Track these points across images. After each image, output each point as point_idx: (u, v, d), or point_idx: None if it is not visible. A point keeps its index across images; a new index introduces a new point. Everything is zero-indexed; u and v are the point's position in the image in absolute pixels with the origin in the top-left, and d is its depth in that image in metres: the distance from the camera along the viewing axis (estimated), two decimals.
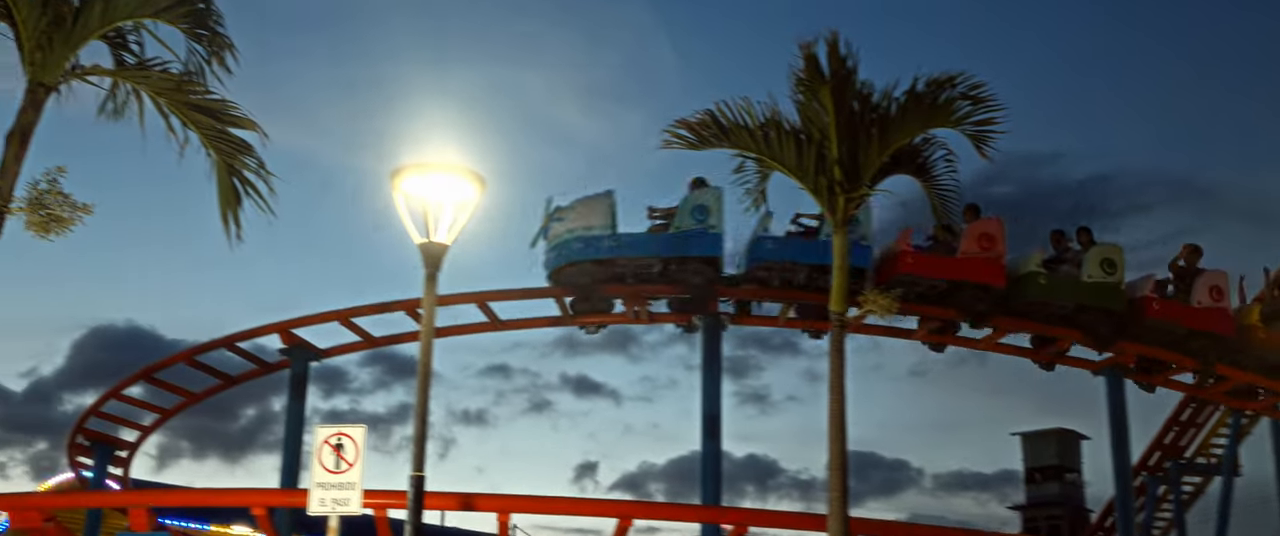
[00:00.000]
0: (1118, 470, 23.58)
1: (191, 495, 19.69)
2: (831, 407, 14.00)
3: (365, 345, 25.37)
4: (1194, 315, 23.56)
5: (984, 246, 22.53)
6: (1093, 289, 23.05)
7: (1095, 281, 23.04)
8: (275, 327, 24.37)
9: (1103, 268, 23.24)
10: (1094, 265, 23.21)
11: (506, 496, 15.87)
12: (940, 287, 22.62)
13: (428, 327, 11.00)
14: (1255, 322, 24.46)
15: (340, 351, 25.72)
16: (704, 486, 21.17)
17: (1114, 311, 23.19)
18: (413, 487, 10.54)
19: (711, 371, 22.47)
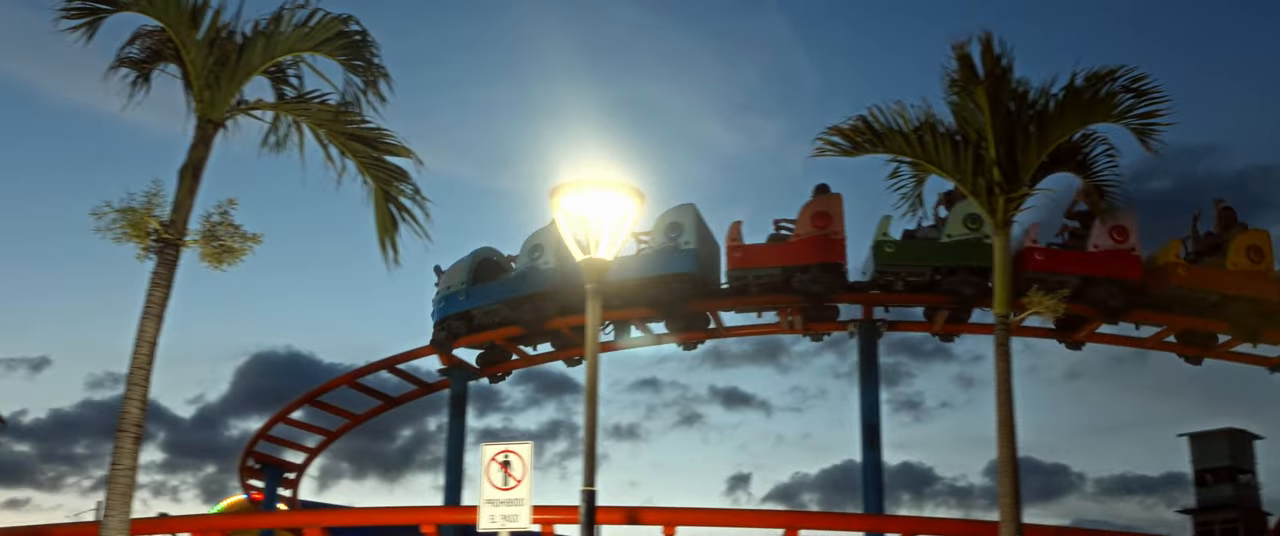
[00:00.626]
0: None
1: (363, 515, 20.12)
2: (999, 412, 13.72)
3: (522, 364, 25.66)
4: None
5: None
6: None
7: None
8: (434, 349, 24.80)
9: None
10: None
11: (672, 509, 15.90)
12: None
13: (592, 342, 11.06)
14: (1174, 260, 23.10)
15: (497, 369, 26.08)
16: (866, 495, 20.95)
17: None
18: (584, 502, 10.60)
19: (869, 378, 22.25)
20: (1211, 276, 22.02)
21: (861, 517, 19.56)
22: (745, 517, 17.47)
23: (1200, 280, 21.97)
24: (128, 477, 12.21)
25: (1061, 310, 14.21)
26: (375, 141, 13.75)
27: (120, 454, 12.20)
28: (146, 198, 12.67)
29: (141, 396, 12.39)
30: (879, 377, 22.34)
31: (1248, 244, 22.18)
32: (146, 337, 12.52)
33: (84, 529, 22.37)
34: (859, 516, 19.76)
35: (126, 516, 12.07)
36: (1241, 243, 22.20)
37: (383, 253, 13.97)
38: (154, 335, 12.58)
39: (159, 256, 12.76)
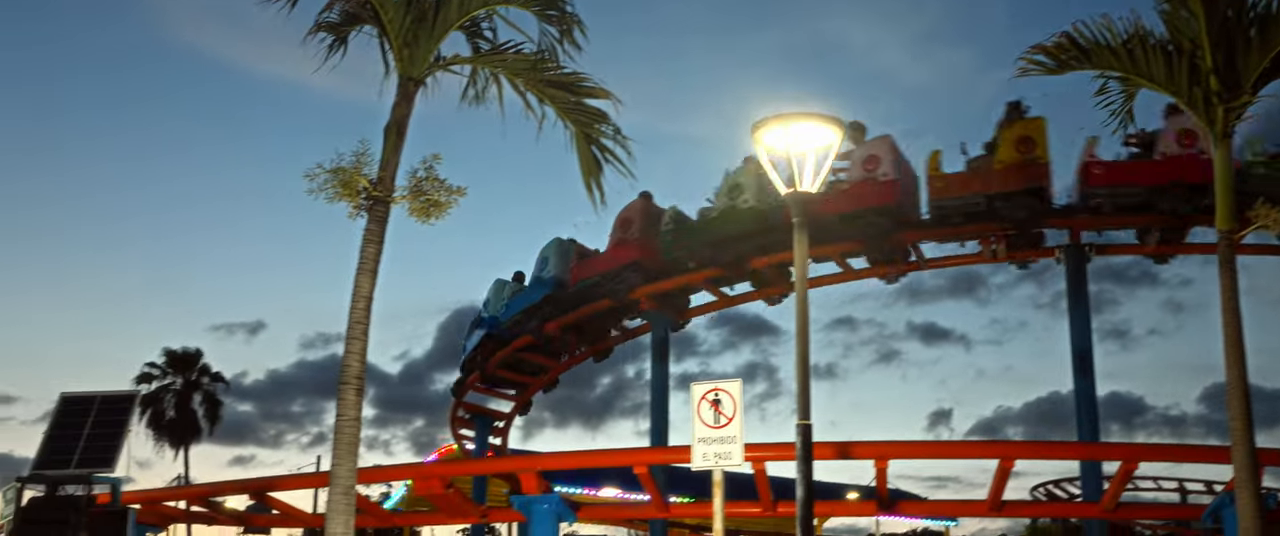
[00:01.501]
0: None
1: (575, 457, 20.46)
2: (1226, 331, 13.10)
3: (722, 305, 25.70)
4: None
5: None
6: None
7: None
8: (635, 294, 24.98)
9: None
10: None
11: (884, 443, 15.71)
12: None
13: (801, 276, 10.97)
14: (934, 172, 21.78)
15: (698, 313, 26.19)
16: (1079, 424, 20.39)
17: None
18: (800, 435, 10.53)
19: (1078, 304, 21.62)
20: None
21: (1077, 446, 19.05)
22: (956, 449, 17.15)
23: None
24: (352, 428, 12.60)
25: None
26: (573, 86, 13.80)
27: (344, 406, 12.58)
28: (355, 158, 12.97)
29: (361, 350, 12.76)
30: (1089, 303, 21.69)
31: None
32: (362, 293, 12.86)
33: (314, 478, 23.35)
34: (1074, 445, 19.25)
35: (354, 465, 12.46)
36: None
37: (589, 194, 14.05)
38: (369, 290, 12.92)
39: (370, 213, 13.07)
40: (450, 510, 18.90)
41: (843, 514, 23.59)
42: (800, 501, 10.37)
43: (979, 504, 16.45)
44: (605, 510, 20.64)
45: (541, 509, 16.64)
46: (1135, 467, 15.24)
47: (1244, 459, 12.86)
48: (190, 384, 60.65)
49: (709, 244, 23.24)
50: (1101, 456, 18.75)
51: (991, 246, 22.92)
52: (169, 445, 59.47)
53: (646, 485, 16.98)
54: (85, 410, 15.11)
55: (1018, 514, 21.58)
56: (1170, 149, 20.91)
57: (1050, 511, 21.82)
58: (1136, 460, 15.19)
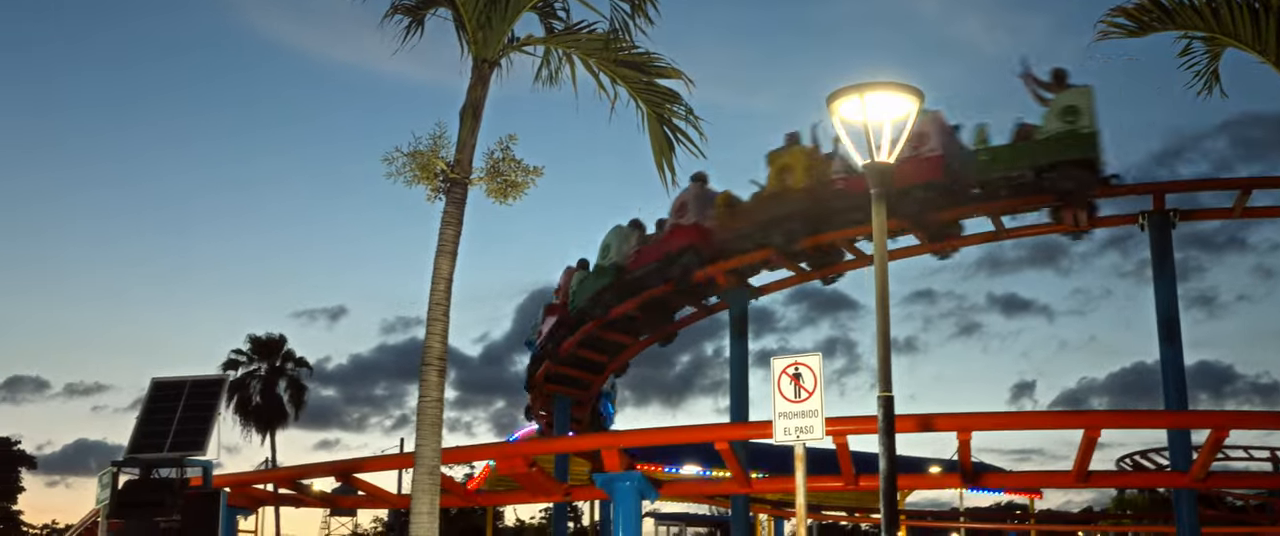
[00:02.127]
0: None
1: (657, 434, 20.52)
2: None
3: (799, 280, 25.59)
4: None
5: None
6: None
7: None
8: (712, 270, 24.96)
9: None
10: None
11: (966, 415, 15.57)
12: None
13: (880, 247, 10.93)
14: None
15: (775, 288, 26.10)
16: (1167, 392, 20.11)
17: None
18: (882, 408, 10.50)
19: (1163, 271, 21.30)
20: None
21: (1164, 414, 18.79)
22: (1040, 420, 17.01)
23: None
24: (435, 408, 12.78)
25: None
26: (645, 66, 13.83)
27: (426, 386, 12.76)
28: (432, 140, 13.12)
29: (442, 331, 12.91)
30: (1174, 269, 21.35)
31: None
32: (443, 275, 13.02)
33: (398, 459, 23.65)
34: (1161, 413, 18.99)
35: (438, 445, 12.63)
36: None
37: (660, 174, 14.09)
38: (449, 272, 13.08)
39: (447, 196, 13.22)
40: (533, 488, 19.06)
41: (925, 487, 23.50)
42: (883, 474, 10.35)
43: (1064, 474, 16.29)
44: (687, 486, 20.71)
45: (624, 486, 16.72)
46: (1225, 436, 14.98)
47: None
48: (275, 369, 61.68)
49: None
50: (1189, 424, 18.48)
51: (1071, 215, 22.60)
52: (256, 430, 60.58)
53: (728, 460, 17.00)
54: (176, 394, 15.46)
55: (1103, 484, 21.34)
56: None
57: (1138, 482, 21.55)
58: (1226, 428, 14.94)
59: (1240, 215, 22.25)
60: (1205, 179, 21.29)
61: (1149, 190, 21.87)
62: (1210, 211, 22.59)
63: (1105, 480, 19.06)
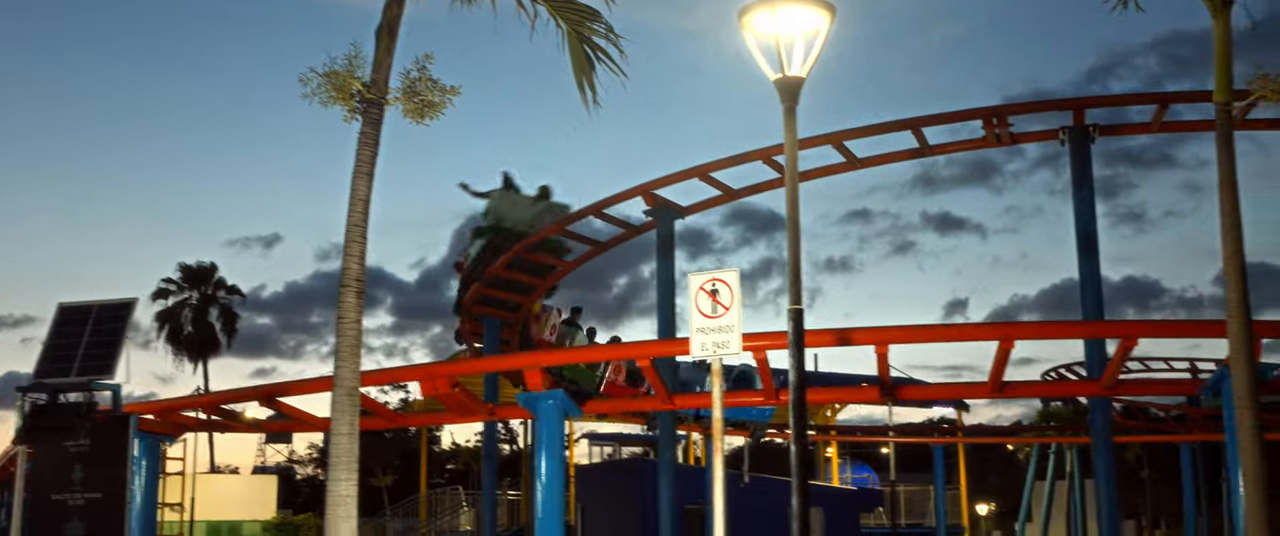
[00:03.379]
0: None
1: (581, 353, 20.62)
2: (1223, 205, 13.12)
3: (726, 199, 25.68)
4: None
5: None
6: None
7: None
8: (638, 190, 24.98)
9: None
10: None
11: (882, 328, 15.74)
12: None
13: (791, 162, 10.94)
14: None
15: (702, 207, 26.18)
16: (1084, 303, 20.46)
17: None
18: (792, 321, 10.60)
19: (1083, 185, 21.56)
20: None
21: (1075, 325, 19.12)
22: (957, 332, 17.24)
23: None
24: (354, 330, 12.73)
25: None
26: None
27: (345, 308, 12.70)
28: (347, 60, 12.94)
29: (360, 253, 12.83)
30: (1093, 184, 21.62)
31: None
32: (360, 195, 12.91)
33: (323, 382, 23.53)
34: (1073, 324, 19.33)
35: (356, 367, 12.60)
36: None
37: (581, 94, 13.97)
38: (366, 193, 12.96)
39: (364, 116, 13.07)
40: (458, 409, 19.12)
41: (844, 400, 23.79)
42: (793, 386, 10.46)
43: (981, 386, 16.57)
44: (611, 403, 20.79)
45: (547, 404, 16.80)
46: (1134, 344, 15.29)
47: (1239, 331, 12.92)
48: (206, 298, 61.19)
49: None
50: (1098, 334, 18.82)
51: (995, 129, 22.84)
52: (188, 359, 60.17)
53: (650, 377, 17.12)
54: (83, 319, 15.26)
55: (1017, 394, 21.74)
56: None
57: (1052, 391, 21.99)
58: (1134, 337, 15.25)
59: (1158, 130, 22.55)
60: (1123, 94, 21.50)
61: (1069, 105, 22.10)
62: (1129, 127, 22.88)
63: (1020, 390, 19.40)
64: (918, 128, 22.89)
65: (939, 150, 24.09)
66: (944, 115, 22.51)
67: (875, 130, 23.22)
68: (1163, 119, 22.18)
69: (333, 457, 12.51)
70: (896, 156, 24.27)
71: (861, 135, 23.46)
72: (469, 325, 30.38)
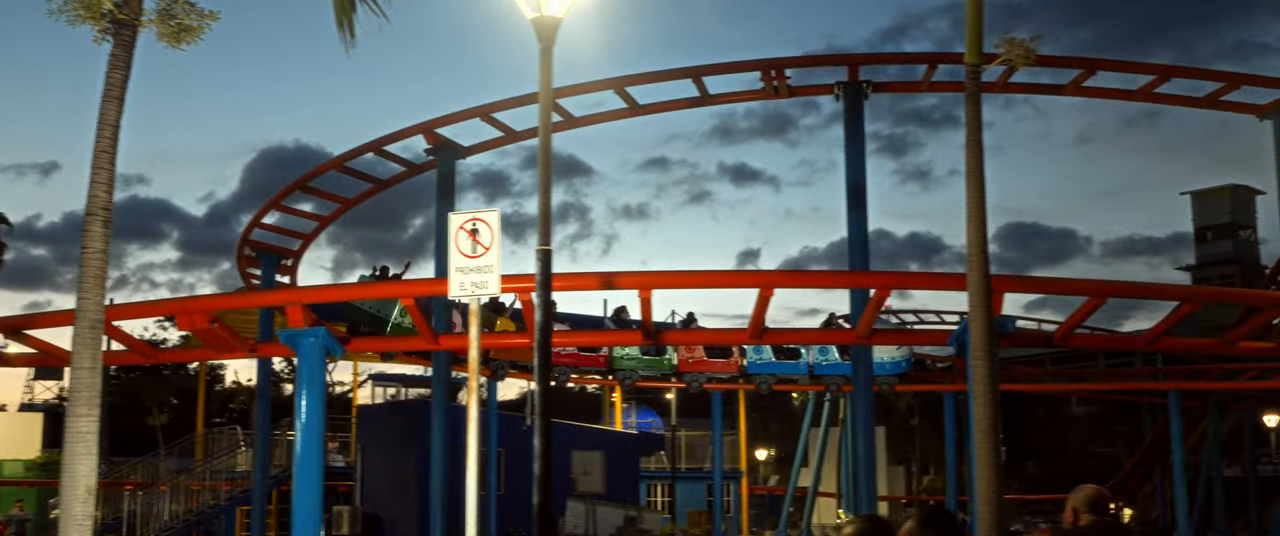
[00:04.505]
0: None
1: (343, 290, 20.24)
2: (969, 161, 13.67)
3: (508, 140, 25.55)
4: None
5: None
6: None
7: None
8: (419, 128, 24.62)
9: None
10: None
11: (646, 273, 15.91)
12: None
13: (545, 104, 10.88)
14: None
15: (485, 148, 25.98)
16: (852, 254, 21.04)
17: None
18: (540, 261, 10.60)
19: (854, 141, 22.12)
20: None
21: (830, 274, 19.71)
22: (720, 279, 17.49)
23: None
24: (99, 261, 12.24)
25: (1033, 57, 13.96)
26: None
27: (89, 237, 12.20)
28: None
29: (107, 180, 12.31)
30: (864, 139, 22.21)
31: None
32: (108, 120, 12.37)
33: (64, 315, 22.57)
34: (828, 273, 19.94)
35: (100, 299, 12.13)
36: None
37: (341, 34, 13.60)
38: (116, 118, 12.42)
39: (115, 38, 12.51)
40: (218, 346, 18.62)
41: (604, 343, 23.99)
42: (538, 326, 10.48)
43: (740, 332, 16.91)
44: (375, 342, 20.52)
45: (308, 342, 16.47)
46: (886, 295, 15.83)
47: (978, 284, 13.50)
48: None
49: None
50: (850, 284, 19.42)
51: (773, 81, 23.23)
52: None
53: (414, 317, 16.95)
54: None
55: (778, 340, 22.29)
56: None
57: (811, 339, 22.61)
58: (888, 287, 15.75)
59: (928, 89, 23.26)
60: (895, 53, 22.20)
61: (844, 61, 22.60)
62: (900, 85, 23.55)
63: (778, 336, 19.94)
64: (698, 77, 23.12)
65: (719, 100, 24.37)
66: (723, 65, 22.81)
67: (655, 77, 23.37)
68: (932, 79, 22.87)
69: (73, 392, 12.05)
70: (676, 104, 24.49)
71: (643, 82, 23.58)
72: (246, 261, 29.63)
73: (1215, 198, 60.45)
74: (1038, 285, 20.46)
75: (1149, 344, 18.43)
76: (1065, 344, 17.85)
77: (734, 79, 23.89)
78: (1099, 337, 21.08)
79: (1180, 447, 32.18)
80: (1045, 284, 20.94)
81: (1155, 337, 18.07)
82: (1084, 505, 6.27)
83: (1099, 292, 17.05)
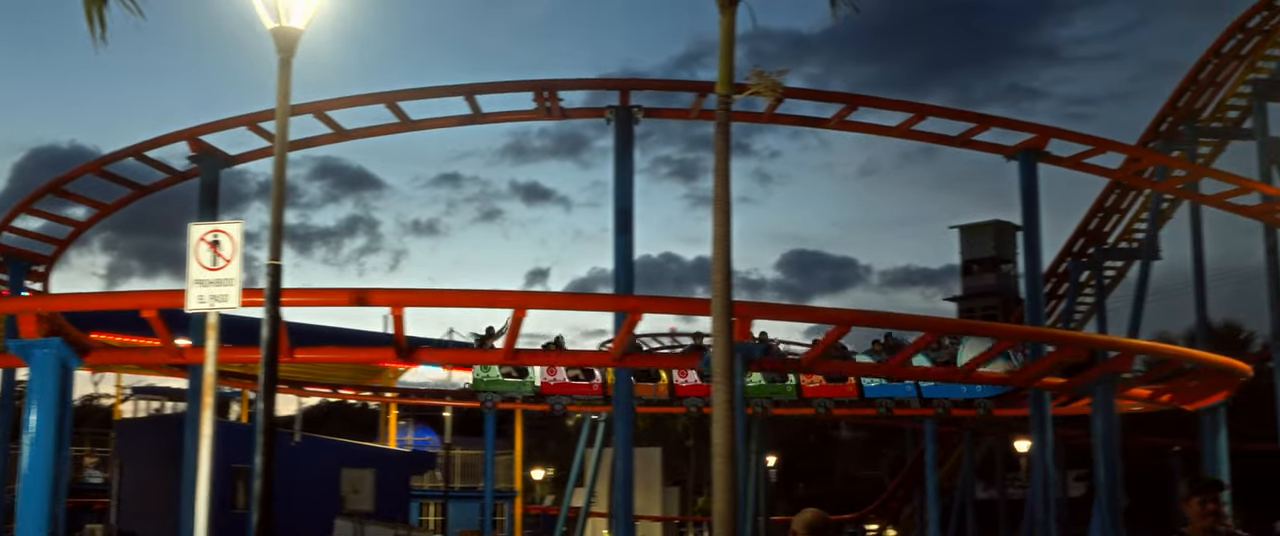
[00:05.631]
0: (1028, 251, 23.67)
1: (83, 299, 19.41)
2: (717, 189, 13.95)
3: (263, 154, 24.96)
4: None
5: None
6: None
7: None
8: (183, 134, 23.89)
9: None
10: None
11: (399, 290, 15.77)
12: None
13: (283, 115, 10.72)
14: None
15: (252, 157, 25.32)
16: (617, 278, 21.25)
17: None
18: (270, 276, 10.39)
19: (624, 165, 22.37)
20: None
21: (587, 298, 19.92)
22: (475, 298, 17.40)
23: None
24: None
25: (780, 89, 14.35)
26: None
27: None
28: None
29: None
30: (633, 164, 22.49)
31: None
32: None
33: None
34: (584, 297, 20.15)
35: None
36: None
37: (90, 28, 13.07)
38: None
39: None
40: None
41: (353, 360, 23.65)
42: (265, 343, 10.26)
43: (497, 353, 16.87)
44: (118, 355, 19.79)
45: (42, 353, 15.75)
46: (639, 318, 16.02)
47: (721, 309, 13.76)
48: None
49: None
50: (608, 308, 19.63)
51: (546, 103, 23.32)
52: None
53: (157, 328, 16.39)
54: None
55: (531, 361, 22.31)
56: None
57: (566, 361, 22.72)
58: (640, 311, 15.95)
59: (697, 117, 23.65)
60: (666, 80, 22.56)
61: (616, 86, 22.86)
62: (671, 111, 23.90)
63: (532, 358, 19.96)
64: (471, 94, 23.02)
65: (493, 119, 24.32)
66: (496, 84, 22.78)
67: (428, 93, 23.18)
68: (702, 107, 23.27)
69: None
70: (450, 121, 24.31)
71: (415, 97, 23.34)
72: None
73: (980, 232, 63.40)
74: (782, 312, 21.03)
75: (892, 373, 19.11)
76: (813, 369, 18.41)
77: (508, 99, 23.88)
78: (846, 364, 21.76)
79: (934, 472, 33.45)
80: (789, 311, 21.58)
81: (898, 365, 18.75)
82: (803, 529, 6.63)
83: (843, 321, 17.60)
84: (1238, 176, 26.16)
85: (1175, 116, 33.67)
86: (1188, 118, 33.31)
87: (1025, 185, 23.65)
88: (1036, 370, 20.26)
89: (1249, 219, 26.94)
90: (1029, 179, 23.67)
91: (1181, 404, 24.28)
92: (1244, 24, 33.18)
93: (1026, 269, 23.61)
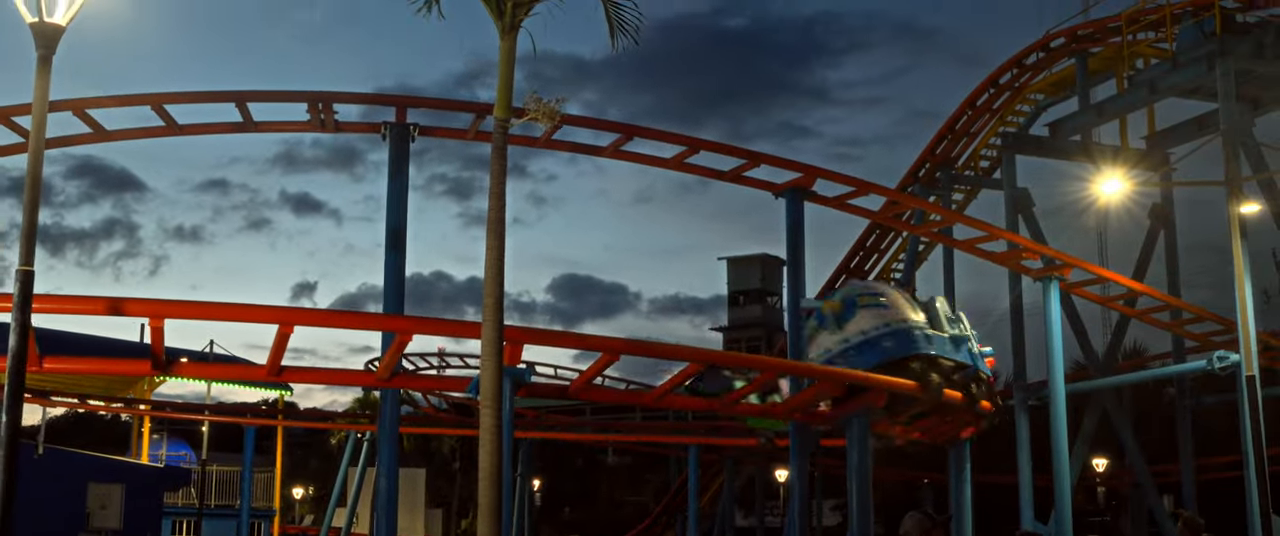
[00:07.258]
0: (791, 286, 24.31)
1: None
2: (491, 213, 13.99)
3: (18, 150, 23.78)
4: None
5: None
6: None
7: None
8: None
9: None
10: None
11: (157, 301, 15.23)
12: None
13: (39, 115, 10.29)
14: None
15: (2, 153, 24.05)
16: (386, 297, 20.96)
17: None
18: (20, 282, 9.93)
19: (398, 181, 22.09)
20: None
21: (350, 315, 19.66)
22: (238, 312, 16.98)
23: None
24: None
25: (557, 117, 14.49)
26: None
27: None
28: None
29: None
30: (407, 181, 22.21)
31: None
32: None
33: None
34: (347, 314, 19.95)
35: None
36: None
37: None
38: None
39: None
40: None
41: (107, 371, 22.80)
42: (12, 352, 9.82)
43: (258, 368, 16.48)
44: None
45: None
46: (408, 339, 15.88)
47: (491, 333, 13.80)
48: None
49: None
50: (376, 327, 19.38)
51: (320, 115, 22.85)
52: None
53: None
54: None
55: (296, 379, 21.94)
56: None
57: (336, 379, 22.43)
58: (409, 332, 15.81)
59: (474, 138, 23.56)
60: (443, 99, 22.38)
61: (392, 102, 22.56)
62: (447, 130, 23.72)
63: (297, 376, 19.58)
64: (242, 101, 22.37)
65: (265, 128, 23.60)
66: (268, 93, 22.20)
67: (197, 97, 22.43)
68: (479, 128, 23.21)
69: None
70: (221, 128, 23.57)
71: (183, 101, 22.54)
72: None
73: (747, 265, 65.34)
74: (552, 338, 21.15)
75: (656, 401, 19.43)
76: (579, 396, 18.56)
77: (281, 108, 23.30)
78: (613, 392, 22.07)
79: (696, 498, 34.14)
80: (559, 338, 21.71)
81: (661, 395, 19.09)
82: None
83: (612, 349, 17.81)
84: (986, 223, 27.46)
85: (933, 162, 35.27)
86: (944, 164, 34.96)
87: (791, 221, 24.26)
88: (796, 403, 20.85)
89: (996, 264, 28.29)
90: (795, 216, 24.30)
91: (933, 439, 25.34)
92: (996, 79, 35.14)
93: (789, 302, 24.18)
